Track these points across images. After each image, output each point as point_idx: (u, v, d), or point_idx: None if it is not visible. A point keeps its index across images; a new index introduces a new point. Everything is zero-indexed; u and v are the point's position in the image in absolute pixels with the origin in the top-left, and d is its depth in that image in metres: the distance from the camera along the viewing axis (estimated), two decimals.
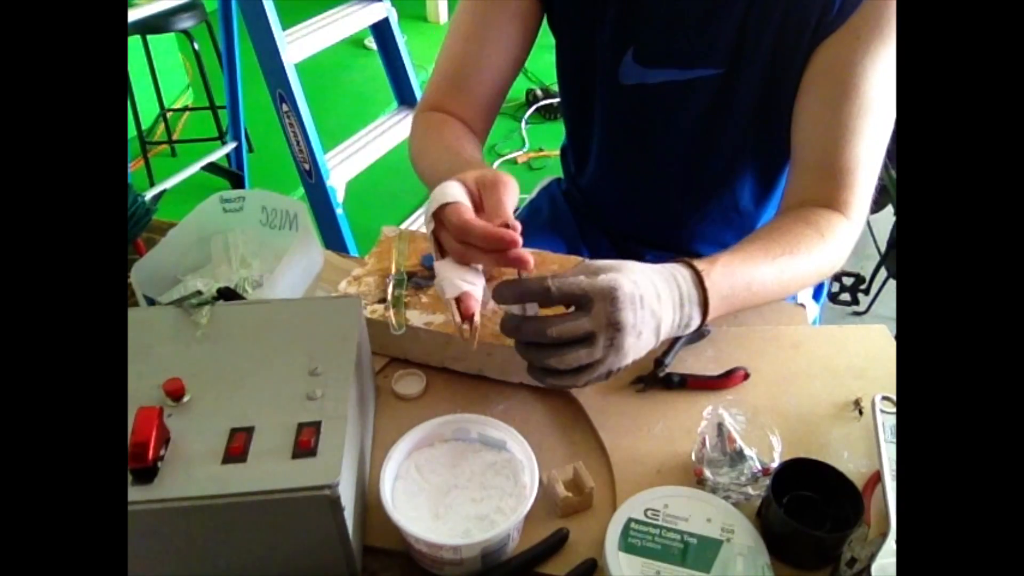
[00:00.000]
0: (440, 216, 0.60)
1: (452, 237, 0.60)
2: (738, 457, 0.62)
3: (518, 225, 0.59)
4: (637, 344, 0.60)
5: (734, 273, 0.66)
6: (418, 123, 0.90)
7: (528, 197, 1.19)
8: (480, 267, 0.63)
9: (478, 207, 0.62)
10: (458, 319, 0.59)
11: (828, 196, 0.76)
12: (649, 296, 0.60)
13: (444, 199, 0.60)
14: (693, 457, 0.64)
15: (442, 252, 0.62)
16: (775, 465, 0.61)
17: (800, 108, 0.79)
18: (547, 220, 1.11)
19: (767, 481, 0.60)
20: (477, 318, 0.60)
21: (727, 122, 0.87)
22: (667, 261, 0.66)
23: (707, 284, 0.63)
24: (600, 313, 0.57)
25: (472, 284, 0.61)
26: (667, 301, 0.61)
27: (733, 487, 0.61)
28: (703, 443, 0.64)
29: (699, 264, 0.65)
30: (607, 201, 1.06)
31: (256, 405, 0.56)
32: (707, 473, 0.62)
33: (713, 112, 0.86)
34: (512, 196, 0.62)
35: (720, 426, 0.64)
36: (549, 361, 0.58)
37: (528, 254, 0.58)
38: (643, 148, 0.94)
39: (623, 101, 0.90)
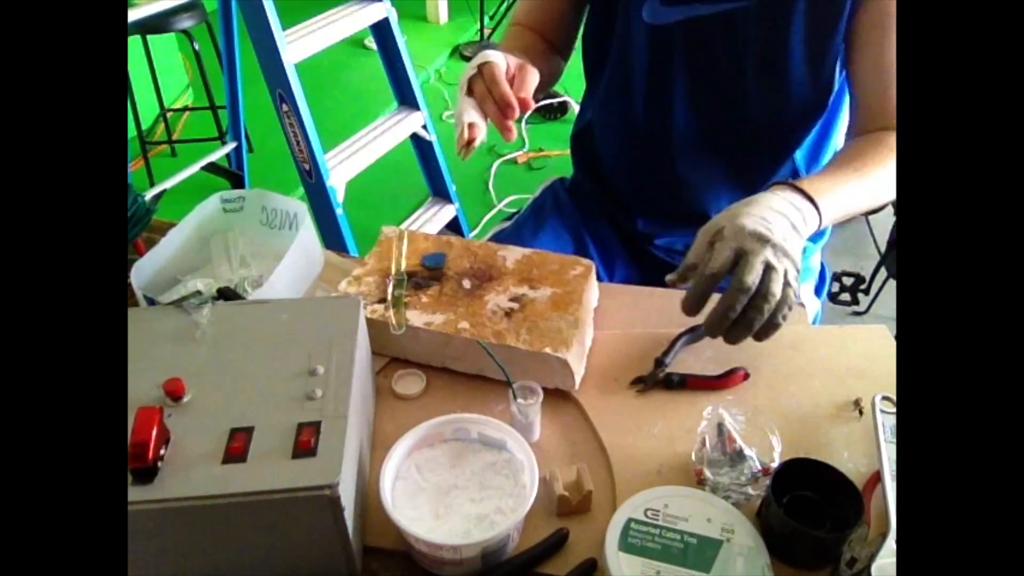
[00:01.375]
0: (481, 68, 0.78)
1: (483, 84, 0.77)
2: (738, 457, 0.62)
3: (531, 103, 0.77)
4: (797, 241, 0.68)
5: (828, 181, 0.75)
6: (505, 34, 1.08)
7: (532, 196, 1.19)
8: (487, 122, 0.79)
9: (509, 79, 0.78)
10: (464, 138, 0.76)
11: (887, 122, 0.83)
12: (774, 206, 0.68)
13: (488, 58, 0.78)
14: (693, 457, 0.64)
15: (469, 94, 0.79)
16: (775, 465, 0.61)
17: (855, 59, 0.85)
18: (551, 215, 1.11)
19: (767, 481, 0.60)
20: (477, 142, 0.77)
21: (757, 60, 0.87)
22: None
23: (808, 190, 0.72)
24: (756, 246, 0.65)
25: (482, 120, 0.78)
26: (782, 208, 0.69)
27: (733, 487, 0.61)
28: (703, 443, 0.64)
29: (794, 183, 0.73)
30: (628, 172, 1.05)
31: (256, 405, 0.56)
32: (707, 473, 0.62)
33: (740, 49, 0.87)
34: (535, 80, 0.79)
35: (720, 426, 0.64)
36: (767, 304, 0.64)
37: (513, 129, 0.76)
38: (660, 94, 0.94)
39: (649, 44, 0.91)
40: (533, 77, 0.79)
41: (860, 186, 0.77)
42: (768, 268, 0.64)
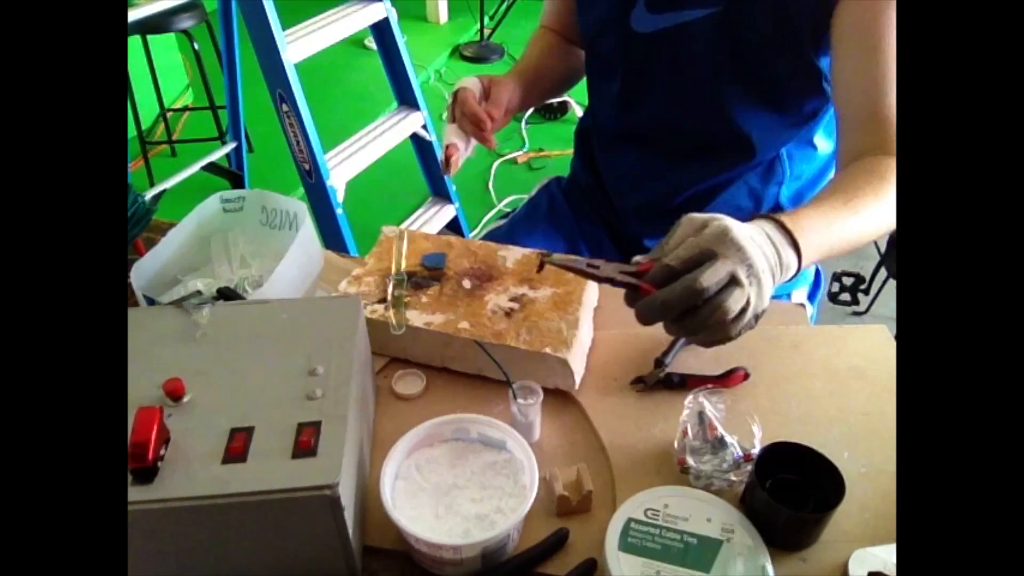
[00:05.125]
0: (456, 95, 0.92)
1: (458, 108, 0.90)
2: (719, 444, 0.63)
3: (497, 116, 0.91)
4: (770, 280, 0.59)
5: (814, 218, 0.66)
6: (531, 36, 1.13)
7: (528, 195, 1.20)
8: (471, 140, 0.92)
9: (486, 90, 0.93)
10: (443, 158, 0.91)
11: (878, 143, 0.77)
12: (756, 235, 0.60)
13: (460, 84, 0.93)
14: (676, 446, 0.65)
15: (452, 119, 0.92)
16: (755, 451, 0.62)
17: (837, 68, 0.81)
18: (545, 216, 1.12)
19: (749, 467, 0.61)
20: (456, 159, 0.90)
21: (732, 63, 0.87)
22: None
23: (790, 227, 0.62)
24: (730, 255, 0.57)
25: (462, 141, 0.91)
26: (764, 242, 0.61)
27: (716, 474, 0.62)
28: (685, 432, 0.64)
29: (777, 216, 0.64)
30: (620, 171, 1.05)
31: (256, 405, 0.56)
32: (690, 461, 0.63)
33: (715, 54, 0.87)
34: (505, 93, 0.94)
35: (701, 415, 0.65)
36: (715, 315, 0.56)
37: (492, 138, 0.90)
38: (656, 99, 0.95)
39: (638, 49, 0.92)
40: (503, 92, 0.93)
41: (850, 223, 0.68)
42: (734, 282, 0.57)
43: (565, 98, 3.17)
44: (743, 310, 0.57)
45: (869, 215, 0.70)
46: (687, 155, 0.98)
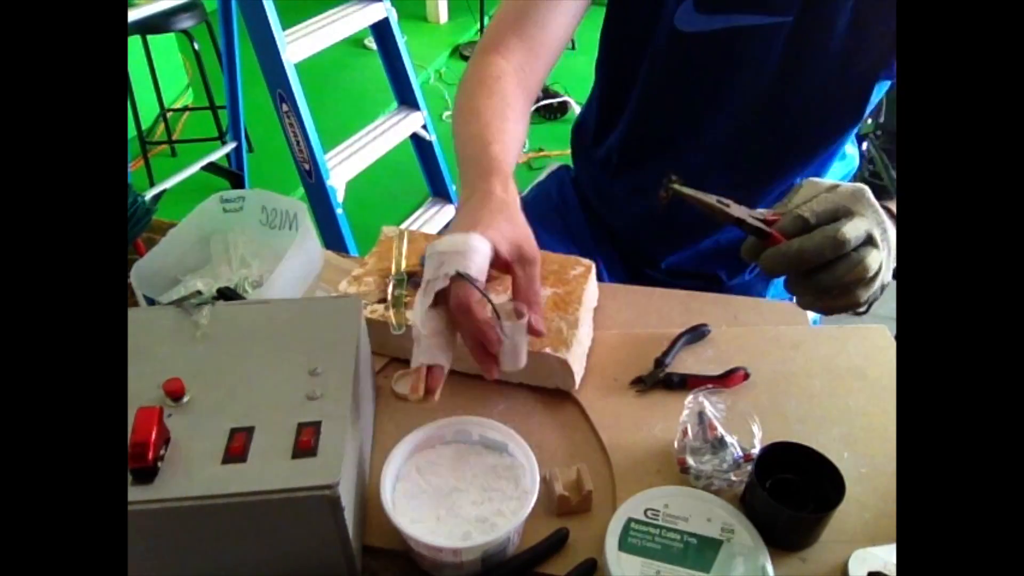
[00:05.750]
0: (453, 284, 0.56)
1: (452, 303, 0.56)
2: (719, 444, 0.63)
3: (540, 323, 0.60)
4: (893, 251, 0.56)
5: None
6: (473, 71, 0.82)
7: (537, 179, 1.17)
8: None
9: (503, 266, 0.60)
10: (420, 389, 0.56)
11: None
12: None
13: (464, 267, 0.55)
14: (676, 446, 0.65)
15: (432, 297, 0.57)
16: (755, 451, 0.62)
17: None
18: (555, 205, 1.09)
19: (749, 467, 0.61)
20: (437, 396, 0.57)
21: (786, 76, 0.83)
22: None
23: (894, 211, 0.59)
24: (868, 214, 0.54)
25: (446, 355, 0.58)
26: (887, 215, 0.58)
27: (716, 474, 0.62)
28: (685, 432, 0.64)
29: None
30: (632, 176, 1.00)
31: (256, 405, 0.56)
32: (690, 461, 0.63)
33: (771, 63, 0.83)
34: (536, 268, 0.61)
35: (701, 415, 0.65)
36: (853, 273, 0.53)
37: (496, 371, 0.59)
38: (694, 105, 0.89)
39: (677, 49, 0.85)
40: (539, 269, 0.62)
41: None
42: (870, 242, 0.53)
43: (565, 98, 3.18)
44: (875, 275, 0.54)
45: None
46: (715, 167, 0.93)
